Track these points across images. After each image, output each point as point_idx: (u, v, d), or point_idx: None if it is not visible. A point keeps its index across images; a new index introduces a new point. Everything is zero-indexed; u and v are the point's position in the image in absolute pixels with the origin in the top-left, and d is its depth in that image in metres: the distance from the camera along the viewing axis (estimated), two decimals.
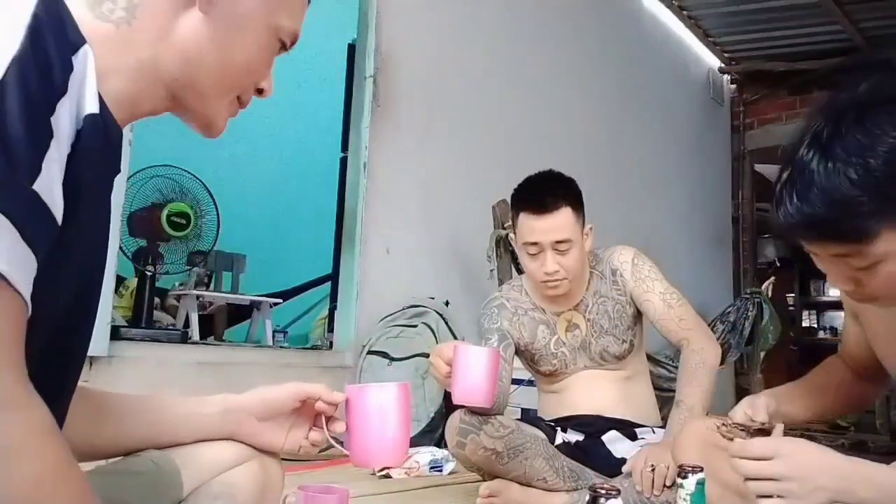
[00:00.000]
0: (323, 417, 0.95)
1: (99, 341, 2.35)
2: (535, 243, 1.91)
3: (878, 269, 0.98)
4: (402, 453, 0.96)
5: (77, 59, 0.62)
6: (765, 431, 1.22)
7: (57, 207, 0.58)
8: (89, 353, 0.91)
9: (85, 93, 0.62)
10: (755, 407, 1.26)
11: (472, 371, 1.49)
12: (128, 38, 0.71)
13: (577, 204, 1.94)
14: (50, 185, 0.57)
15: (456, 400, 1.56)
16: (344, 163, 3.45)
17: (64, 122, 0.59)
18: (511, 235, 2.11)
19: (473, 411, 1.86)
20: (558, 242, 1.89)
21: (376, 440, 0.94)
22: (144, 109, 0.76)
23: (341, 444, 0.97)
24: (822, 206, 0.95)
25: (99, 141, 0.64)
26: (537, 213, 1.90)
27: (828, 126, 0.98)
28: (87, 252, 0.69)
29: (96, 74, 0.65)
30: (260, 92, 0.82)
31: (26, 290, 0.56)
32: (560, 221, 1.89)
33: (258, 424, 0.93)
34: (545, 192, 1.93)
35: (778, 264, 6.71)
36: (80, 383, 0.82)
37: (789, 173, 1.00)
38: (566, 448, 1.92)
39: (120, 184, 2.58)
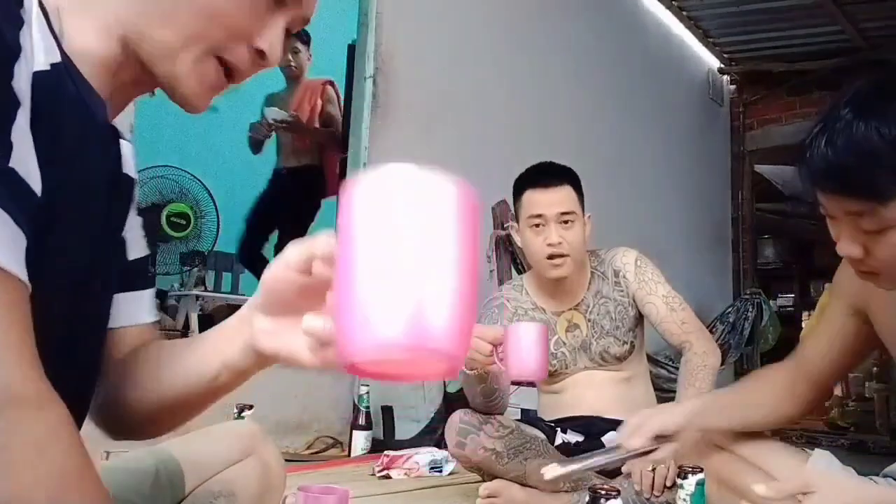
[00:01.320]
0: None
1: None
2: (539, 215, 1.97)
3: (888, 237, 0.99)
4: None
5: (24, 10, 0.56)
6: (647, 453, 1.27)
7: (33, 178, 0.54)
8: None
9: (33, 46, 0.56)
10: (640, 432, 1.31)
11: (525, 346, 1.54)
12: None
13: (578, 187, 2.03)
14: (23, 157, 0.53)
15: (512, 375, 1.60)
16: (344, 163, 3.45)
17: (24, 85, 0.54)
18: (513, 226, 2.12)
19: (476, 410, 1.87)
20: (563, 214, 1.96)
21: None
22: (124, 76, 0.69)
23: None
24: (849, 155, 0.97)
25: (59, 103, 0.58)
26: (543, 188, 1.98)
27: (870, 90, 1.01)
28: (79, 220, 0.63)
29: (61, 33, 0.61)
30: (260, 55, 0.69)
31: (19, 268, 0.52)
32: (565, 195, 1.98)
33: (269, 324, 0.66)
34: (549, 169, 2.04)
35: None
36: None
37: (822, 125, 1.00)
38: (566, 448, 1.92)
39: None
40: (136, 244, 0.81)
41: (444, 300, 0.44)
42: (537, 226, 1.97)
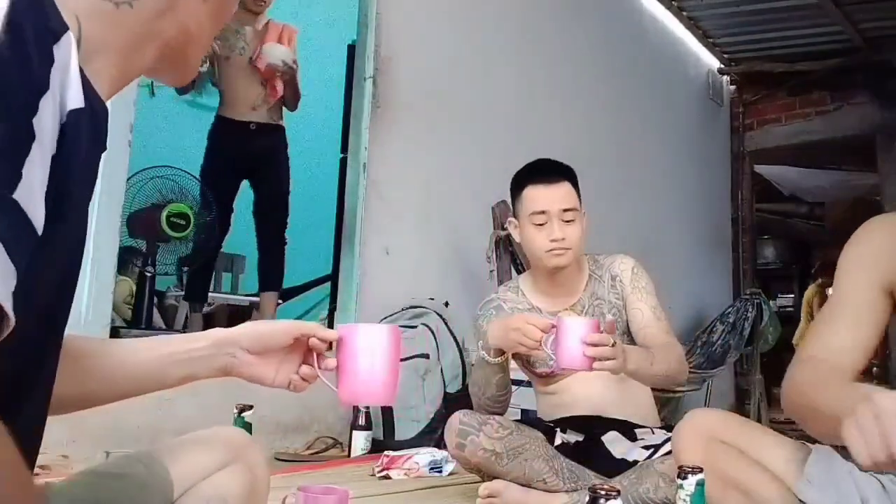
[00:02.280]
0: (314, 353, 0.95)
1: None
2: (542, 212, 1.98)
3: None
4: (389, 393, 0.98)
5: (59, 49, 0.57)
6: None
7: (37, 216, 0.54)
8: None
9: (68, 85, 0.58)
10: None
11: (577, 339, 1.59)
12: (124, 19, 0.69)
13: (576, 183, 2.05)
14: (30, 193, 0.53)
15: (561, 365, 1.66)
16: (343, 164, 3.45)
17: (47, 122, 0.55)
18: (511, 222, 2.12)
19: (477, 410, 1.87)
20: (565, 210, 1.97)
21: (365, 378, 0.97)
22: (130, 78, 0.75)
23: (331, 385, 0.99)
24: None
25: (84, 136, 0.61)
26: (545, 184, 2.00)
27: None
28: (72, 248, 0.66)
29: (84, 53, 0.62)
30: None
31: (7, 303, 0.53)
32: (565, 191, 2.00)
33: (250, 357, 0.92)
34: (549, 165, 2.06)
35: None
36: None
37: None
38: (565, 449, 1.92)
39: (119, 184, 2.58)
40: None
41: (388, 381, 0.97)
42: (540, 223, 1.98)
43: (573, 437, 1.97)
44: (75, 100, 0.58)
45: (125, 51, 0.70)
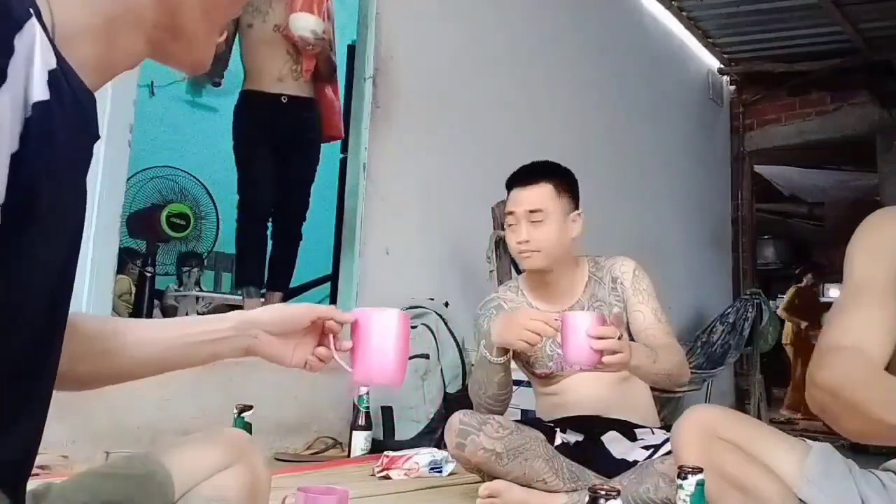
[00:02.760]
0: (330, 335, 1.01)
1: None
2: (511, 213, 2.03)
3: None
4: (400, 375, 1.03)
5: (20, 40, 0.53)
6: None
7: None
8: None
9: (32, 75, 0.55)
10: None
11: (581, 335, 1.59)
12: None
13: (561, 184, 2.04)
14: None
15: (570, 361, 1.66)
16: (343, 164, 3.45)
17: (3, 115, 0.53)
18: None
19: (478, 410, 1.87)
20: (531, 212, 1.99)
21: (378, 359, 1.02)
22: (122, 66, 0.71)
23: (346, 365, 1.04)
24: None
25: (60, 128, 0.58)
26: (519, 185, 2.04)
27: None
28: (61, 240, 0.65)
29: (61, 39, 0.61)
30: None
31: None
32: (536, 193, 2.01)
33: (271, 338, 0.97)
34: (529, 167, 2.08)
35: None
36: (92, 322, 0.88)
37: None
38: (565, 449, 1.92)
39: (119, 185, 2.58)
40: None
41: (399, 363, 1.02)
42: (511, 223, 2.03)
43: (573, 438, 1.97)
44: (39, 92, 0.56)
45: (106, 34, 0.67)
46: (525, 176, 2.05)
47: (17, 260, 0.57)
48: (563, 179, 2.05)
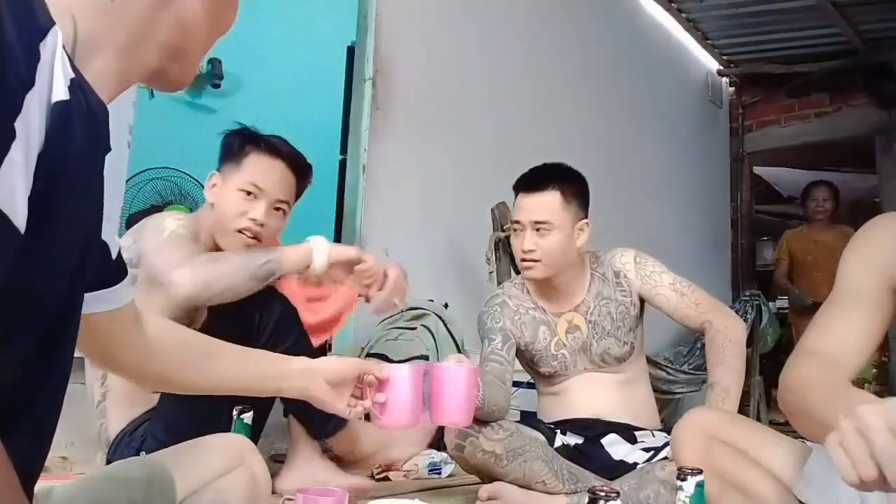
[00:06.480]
0: (368, 388, 1.17)
1: None
2: (517, 221, 2.01)
3: None
4: (416, 419, 1.23)
5: (45, 46, 0.55)
6: None
7: (18, 214, 0.53)
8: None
9: (53, 78, 0.57)
10: None
11: (452, 391, 1.40)
12: (121, 12, 0.68)
13: (570, 193, 1.99)
14: (9, 192, 0.52)
15: (434, 420, 1.44)
16: (343, 165, 3.45)
17: (33, 118, 0.54)
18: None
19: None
20: (537, 223, 1.96)
21: (402, 408, 1.21)
22: (134, 80, 0.74)
23: (377, 414, 1.22)
24: None
25: (77, 128, 0.60)
26: (525, 192, 2.00)
27: None
28: (73, 243, 0.65)
29: (82, 53, 0.62)
30: None
31: None
32: (543, 202, 1.96)
33: (326, 386, 1.11)
34: (538, 173, 2.02)
35: None
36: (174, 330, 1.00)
37: None
38: (565, 450, 1.92)
39: (119, 186, 2.58)
40: (112, 241, 0.82)
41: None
42: (517, 231, 2.02)
43: (573, 439, 1.97)
44: (60, 92, 0.57)
45: (125, 49, 0.69)
46: (533, 182, 1.99)
47: (28, 261, 0.57)
48: (572, 185, 2.00)
